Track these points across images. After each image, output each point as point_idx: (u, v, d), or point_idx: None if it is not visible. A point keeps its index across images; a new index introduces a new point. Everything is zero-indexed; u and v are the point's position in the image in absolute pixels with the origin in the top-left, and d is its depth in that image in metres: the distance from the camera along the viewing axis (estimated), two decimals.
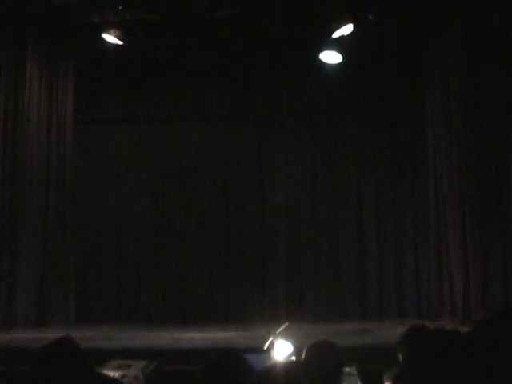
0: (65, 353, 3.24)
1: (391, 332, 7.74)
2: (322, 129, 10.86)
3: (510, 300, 8.47)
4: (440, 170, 9.57)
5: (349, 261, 10.62)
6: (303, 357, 4.07)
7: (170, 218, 10.98)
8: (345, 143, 10.76)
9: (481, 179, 8.77)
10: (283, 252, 10.72)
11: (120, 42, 9.79)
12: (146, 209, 11.03)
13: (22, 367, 3.68)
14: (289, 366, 3.24)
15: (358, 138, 10.74)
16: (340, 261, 10.63)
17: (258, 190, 10.90)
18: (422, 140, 10.11)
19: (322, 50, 9.83)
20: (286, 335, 5.63)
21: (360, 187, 10.77)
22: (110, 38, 9.78)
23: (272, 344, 5.50)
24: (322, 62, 9.97)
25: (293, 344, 5.41)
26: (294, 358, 5.21)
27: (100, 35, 9.71)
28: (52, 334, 7.64)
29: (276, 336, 5.61)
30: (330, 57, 9.90)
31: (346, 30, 9.32)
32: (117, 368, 7.01)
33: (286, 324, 5.82)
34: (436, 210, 9.72)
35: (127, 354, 7.52)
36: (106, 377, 2.94)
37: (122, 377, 6.88)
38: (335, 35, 9.42)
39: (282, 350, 5.38)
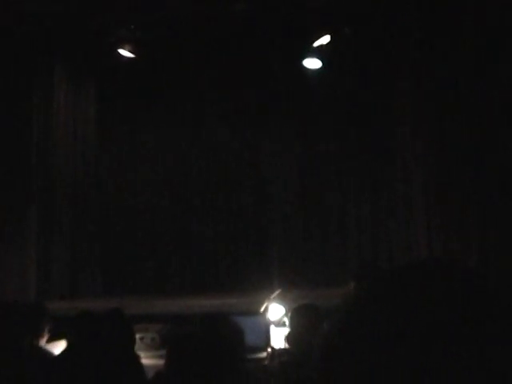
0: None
1: None
2: (305, 125, 10.79)
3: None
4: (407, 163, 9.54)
5: (334, 235, 10.58)
6: (289, 317, 4.07)
7: (180, 200, 10.97)
8: (326, 136, 10.69)
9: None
10: (278, 225, 10.71)
11: (133, 56, 9.77)
12: (159, 195, 11.01)
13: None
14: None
15: (337, 133, 10.67)
16: (327, 234, 10.57)
17: (254, 173, 10.87)
18: (391, 140, 10.09)
19: (305, 57, 9.85)
20: (279, 300, 5.62)
21: (341, 174, 10.72)
22: (125, 53, 9.75)
23: (267, 308, 5.51)
24: (305, 67, 9.97)
25: (285, 307, 5.42)
26: (286, 319, 5.20)
27: (116, 51, 9.69)
28: (85, 305, 7.64)
29: (270, 300, 5.61)
30: (312, 63, 9.90)
31: (324, 40, 9.39)
32: (136, 331, 6.98)
33: (279, 290, 5.83)
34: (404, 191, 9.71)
35: (145, 320, 7.50)
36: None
37: (141, 338, 6.87)
38: (315, 44, 9.49)
39: (275, 312, 5.39)
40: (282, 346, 4.55)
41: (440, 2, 8.29)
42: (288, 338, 3.91)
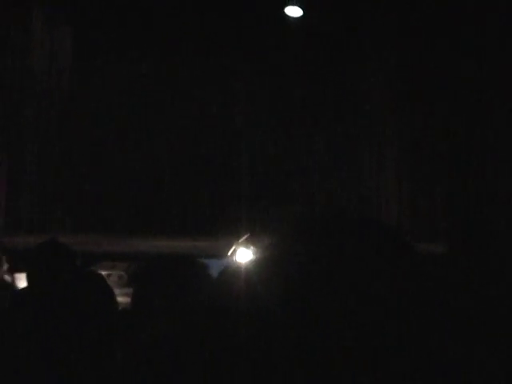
0: (53, 253, 3.16)
1: None
2: (283, 76, 10.66)
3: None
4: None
5: (302, 179, 10.56)
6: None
7: (150, 137, 10.81)
8: (301, 83, 10.60)
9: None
10: (246, 169, 10.67)
11: None
12: (129, 130, 10.81)
13: None
14: (250, 269, 3.19)
15: (313, 81, 10.58)
16: (296, 179, 10.56)
17: (225, 116, 10.76)
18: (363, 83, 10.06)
19: (286, 5, 9.68)
20: (247, 244, 5.62)
21: (313, 120, 10.66)
22: None
23: (235, 251, 5.51)
24: (286, 15, 9.80)
25: (252, 251, 5.43)
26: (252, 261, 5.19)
27: None
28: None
29: (238, 244, 5.60)
30: (293, 11, 9.74)
31: None
32: (103, 268, 6.96)
33: (248, 234, 5.82)
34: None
35: (112, 257, 7.48)
36: (93, 272, 2.85)
37: (108, 275, 6.84)
38: None
39: (243, 256, 5.40)
40: None
41: None
42: None
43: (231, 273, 2.49)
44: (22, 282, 3.98)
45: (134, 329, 2.46)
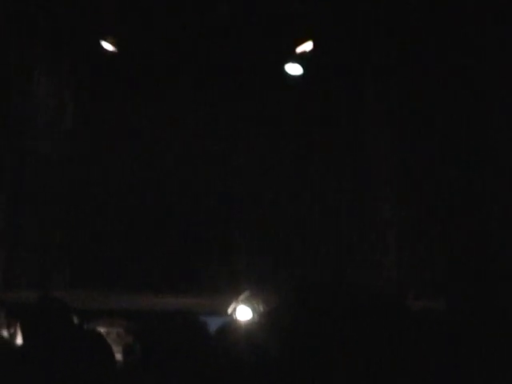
0: (49, 310, 3.16)
1: None
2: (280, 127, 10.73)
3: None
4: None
5: (302, 238, 10.53)
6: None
7: (150, 195, 10.81)
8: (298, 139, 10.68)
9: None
10: (246, 232, 10.64)
11: (115, 50, 9.68)
12: (130, 187, 10.81)
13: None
14: (249, 327, 3.18)
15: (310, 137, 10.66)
16: (295, 237, 10.52)
17: (224, 173, 10.78)
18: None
19: (286, 63, 9.80)
20: (247, 301, 5.59)
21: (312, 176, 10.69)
22: (108, 46, 9.65)
23: (234, 309, 5.48)
24: (286, 73, 9.92)
25: (252, 309, 5.40)
26: (254, 321, 5.18)
27: (99, 42, 9.59)
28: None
29: (238, 302, 5.58)
30: (293, 69, 9.86)
31: (307, 46, 9.39)
32: (101, 325, 6.89)
33: (248, 292, 5.78)
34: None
35: (111, 314, 7.41)
36: (90, 330, 2.84)
37: (107, 333, 6.77)
38: (298, 50, 9.48)
39: (243, 314, 5.37)
40: None
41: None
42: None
43: (229, 332, 2.49)
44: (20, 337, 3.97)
45: None
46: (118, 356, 6.13)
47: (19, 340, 4.06)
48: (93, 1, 9.19)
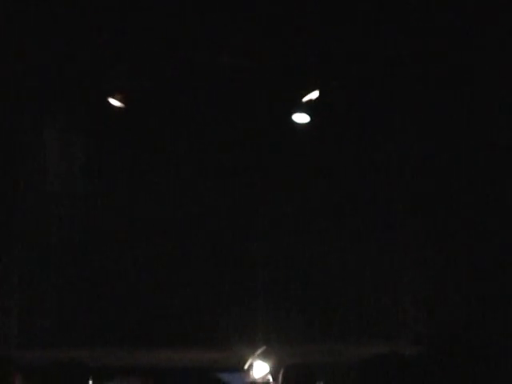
0: (68, 373, 3.18)
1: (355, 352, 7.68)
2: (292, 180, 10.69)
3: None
4: None
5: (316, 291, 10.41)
6: (281, 377, 4.01)
7: (159, 249, 10.71)
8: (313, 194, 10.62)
9: None
10: (262, 282, 10.54)
11: (123, 105, 9.76)
12: (139, 244, 10.76)
13: None
14: None
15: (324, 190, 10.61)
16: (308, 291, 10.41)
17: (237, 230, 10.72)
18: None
19: (294, 112, 9.85)
20: (263, 357, 5.55)
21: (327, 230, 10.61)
22: (115, 102, 9.74)
23: (251, 364, 5.44)
24: (293, 122, 9.96)
25: (269, 365, 5.36)
26: (270, 377, 5.14)
27: (106, 99, 9.67)
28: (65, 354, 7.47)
29: (254, 357, 5.54)
30: (300, 117, 9.91)
31: (314, 95, 9.43)
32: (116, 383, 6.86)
33: (264, 347, 5.75)
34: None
35: (124, 372, 7.39)
36: None
37: None
38: (304, 99, 9.52)
39: (259, 370, 5.32)
40: None
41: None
42: None
43: None
44: None
45: None
46: None
47: None
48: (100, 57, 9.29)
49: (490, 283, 8.33)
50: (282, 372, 4.00)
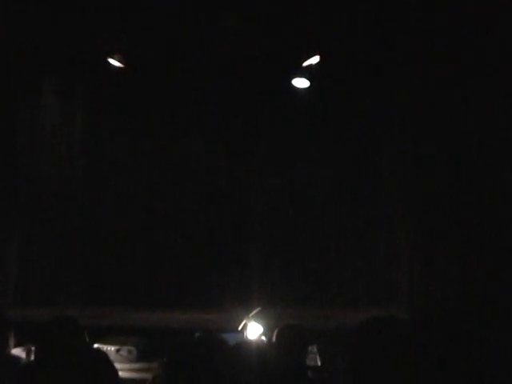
0: (62, 330, 3.19)
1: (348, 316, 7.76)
2: (289, 146, 10.71)
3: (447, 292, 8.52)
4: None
5: (313, 256, 10.49)
6: (275, 337, 4.05)
7: (157, 213, 10.81)
8: (311, 160, 10.65)
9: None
10: (257, 244, 10.61)
11: (122, 65, 9.73)
12: (136, 207, 10.82)
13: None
14: (260, 345, 3.20)
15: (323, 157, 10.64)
16: (306, 255, 10.48)
17: (235, 188, 10.78)
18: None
19: (293, 77, 9.82)
20: (257, 318, 5.59)
21: (325, 198, 10.66)
22: (115, 62, 9.70)
23: (245, 325, 5.48)
24: (293, 86, 9.93)
25: (263, 326, 5.40)
26: (264, 338, 5.19)
27: (106, 59, 9.64)
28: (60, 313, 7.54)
29: (249, 319, 5.58)
30: (300, 82, 9.87)
31: (314, 60, 9.40)
32: (113, 343, 6.93)
33: (258, 308, 5.79)
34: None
35: (121, 332, 7.44)
36: (96, 350, 2.85)
37: (118, 350, 6.80)
38: (305, 64, 9.49)
39: (254, 331, 5.37)
40: None
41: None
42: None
43: (243, 350, 2.51)
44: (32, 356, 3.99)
45: None
46: (128, 374, 6.14)
47: (32, 359, 4.07)
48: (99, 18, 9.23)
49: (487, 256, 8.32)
50: (275, 333, 4.05)
